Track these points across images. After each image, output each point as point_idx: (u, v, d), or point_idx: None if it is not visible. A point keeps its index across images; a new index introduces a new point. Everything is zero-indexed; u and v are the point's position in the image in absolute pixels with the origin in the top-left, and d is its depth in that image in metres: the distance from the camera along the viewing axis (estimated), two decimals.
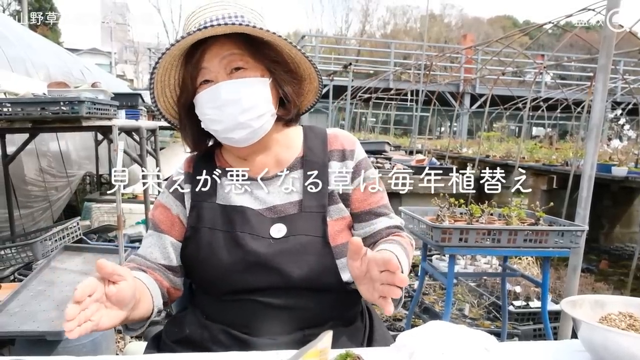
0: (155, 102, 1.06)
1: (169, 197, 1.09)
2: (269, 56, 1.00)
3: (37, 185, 4.93)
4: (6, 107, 2.33)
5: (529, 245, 2.13)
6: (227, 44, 0.97)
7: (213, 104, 0.96)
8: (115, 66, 22.83)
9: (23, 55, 5.01)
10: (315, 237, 1.00)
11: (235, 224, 1.00)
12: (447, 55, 11.60)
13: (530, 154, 7.23)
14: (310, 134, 1.11)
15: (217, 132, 1.01)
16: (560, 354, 0.83)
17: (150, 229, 1.10)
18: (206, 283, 1.05)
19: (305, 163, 1.06)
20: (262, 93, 0.99)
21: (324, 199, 1.03)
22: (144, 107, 3.84)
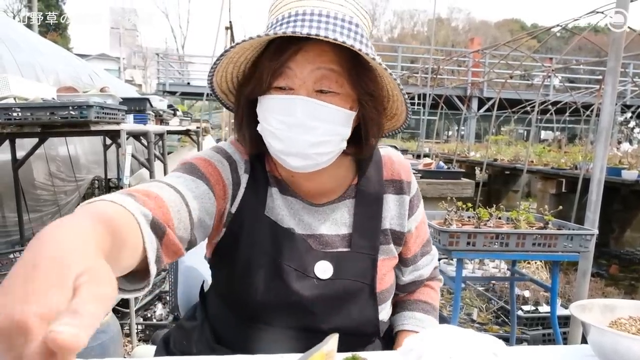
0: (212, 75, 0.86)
1: (222, 164, 0.89)
2: (367, 87, 0.83)
3: (46, 190, 4.98)
4: (16, 112, 2.36)
5: (537, 249, 2.11)
6: (329, 54, 0.79)
7: (283, 118, 0.80)
8: (124, 71, 23.06)
9: (33, 60, 5.08)
10: (362, 284, 0.89)
11: (282, 252, 0.86)
12: (454, 59, 11.58)
13: (539, 157, 7.18)
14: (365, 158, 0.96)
15: (272, 148, 0.84)
16: (569, 359, 0.82)
17: (188, 173, 0.83)
18: (230, 302, 0.93)
19: (359, 193, 0.94)
20: (343, 130, 0.83)
21: (376, 238, 0.92)
22: (152, 112, 3.87)
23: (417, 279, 1.05)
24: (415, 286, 1.07)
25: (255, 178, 0.91)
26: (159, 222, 0.68)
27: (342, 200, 0.94)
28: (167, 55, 21.46)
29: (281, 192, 0.92)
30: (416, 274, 1.04)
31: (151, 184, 0.77)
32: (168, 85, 16.69)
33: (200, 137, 5.67)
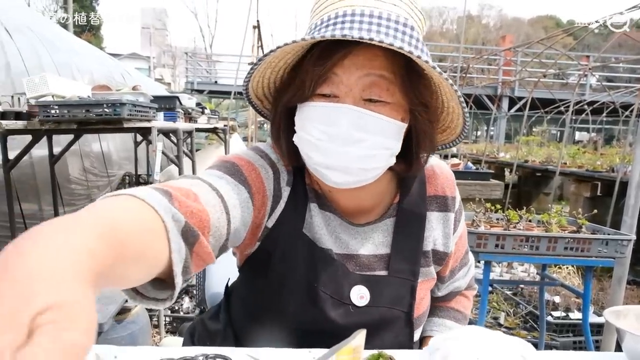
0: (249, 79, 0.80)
1: (266, 172, 0.82)
2: (422, 96, 0.75)
3: (80, 184, 5.16)
4: (54, 109, 2.45)
5: (569, 253, 2.04)
6: (380, 60, 0.71)
7: (326, 127, 0.71)
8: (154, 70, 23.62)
9: (69, 60, 5.27)
10: (399, 312, 0.84)
11: (319, 277, 0.81)
12: (484, 58, 11.33)
13: (573, 159, 6.94)
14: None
15: (310, 160, 0.76)
16: None
17: (231, 175, 0.76)
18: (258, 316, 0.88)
19: (400, 212, 0.86)
20: (392, 144, 0.75)
21: (416, 262, 0.86)
22: (181, 110, 3.95)
23: (453, 291, 1.03)
24: (450, 296, 1.04)
25: (295, 191, 0.83)
26: (192, 229, 0.59)
27: (383, 220, 0.87)
28: (196, 54, 21.85)
29: (320, 208, 0.85)
30: (452, 287, 1.01)
31: (193, 183, 0.68)
32: (196, 84, 17.00)
33: (227, 135, 5.74)
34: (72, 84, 2.96)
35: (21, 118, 2.60)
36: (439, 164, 0.95)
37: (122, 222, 0.46)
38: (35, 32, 4.86)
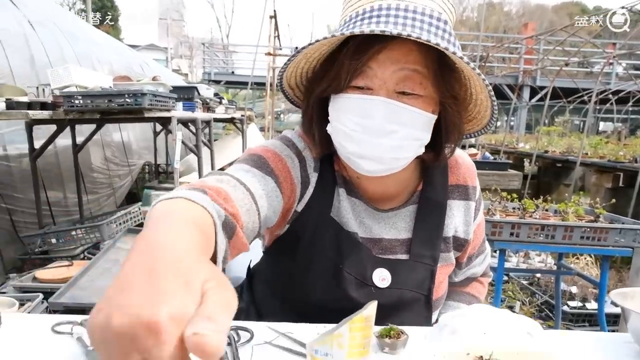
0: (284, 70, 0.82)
1: (292, 161, 0.86)
2: (452, 89, 0.78)
3: (102, 173, 5.29)
4: (78, 99, 2.53)
5: (586, 242, 2.04)
6: (414, 54, 0.73)
7: (361, 119, 0.74)
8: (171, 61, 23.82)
9: (89, 51, 5.38)
10: (418, 294, 0.88)
11: (344, 258, 0.85)
12: (505, 46, 11.11)
13: (594, 149, 6.79)
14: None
15: (344, 149, 0.79)
16: (606, 344, 0.81)
17: (258, 168, 0.80)
18: (283, 295, 0.93)
19: (422, 199, 0.90)
20: (423, 135, 0.78)
21: (436, 248, 0.89)
22: (199, 100, 4.02)
23: (470, 277, 1.07)
24: (466, 282, 1.08)
25: (323, 177, 0.87)
26: (231, 222, 0.65)
27: (406, 206, 0.91)
28: (213, 44, 21.95)
29: (347, 193, 0.89)
30: (469, 273, 1.05)
31: (222, 180, 0.72)
32: (213, 75, 17.11)
33: (244, 125, 5.80)
34: (95, 74, 3.04)
35: (46, 108, 2.68)
36: (461, 154, 0.98)
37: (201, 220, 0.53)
38: (57, 24, 4.97)
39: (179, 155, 2.73)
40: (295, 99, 0.90)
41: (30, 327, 0.82)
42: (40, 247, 3.49)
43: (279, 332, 0.80)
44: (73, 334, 0.80)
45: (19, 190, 3.84)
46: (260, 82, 11.77)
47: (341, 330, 0.59)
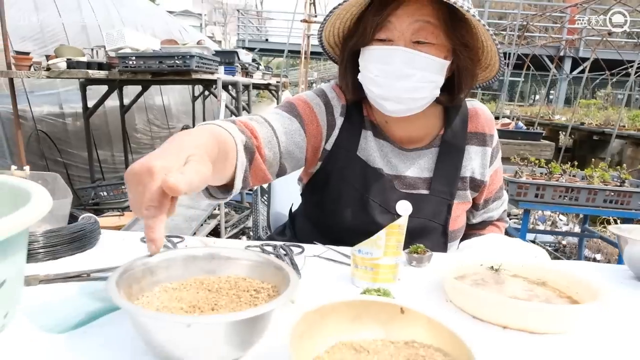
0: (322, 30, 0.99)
1: (319, 107, 1.02)
2: (462, 38, 0.90)
3: (145, 134, 5.60)
4: (132, 60, 2.73)
5: (609, 206, 2.12)
6: (427, 8, 0.86)
7: (383, 66, 0.89)
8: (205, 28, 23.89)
9: (134, 17, 5.59)
10: (436, 224, 1.01)
11: (370, 188, 0.99)
12: (546, 15, 10.66)
13: (632, 122, 6.61)
14: (452, 109, 1.05)
15: (371, 93, 0.93)
16: (603, 272, 0.93)
17: (285, 111, 0.99)
18: (319, 224, 1.07)
19: (443, 143, 1.03)
20: (437, 78, 0.91)
21: (453, 185, 1.02)
22: (238, 65, 4.17)
23: (486, 220, 1.19)
24: (483, 225, 1.20)
25: (350, 121, 1.02)
26: (251, 147, 0.84)
27: (429, 148, 1.03)
28: (247, 11, 21.87)
29: (375, 136, 1.03)
30: (485, 216, 1.17)
31: (252, 117, 0.92)
32: (247, 42, 17.15)
33: (280, 92, 5.94)
34: (145, 37, 3.23)
35: (102, 68, 2.90)
36: (482, 107, 1.10)
37: (219, 135, 0.72)
38: None
39: (223, 115, 2.90)
40: (335, 56, 1.06)
41: (123, 239, 1.02)
42: (93, 199, 3.80)
43: (326, 247, 0.98)
44: None
45: (74, 146, 4.16)
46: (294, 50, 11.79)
47: (380, 234, 0.75)
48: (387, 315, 0.55)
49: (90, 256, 0.88)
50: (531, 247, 0.92)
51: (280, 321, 0.57)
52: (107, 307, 0.62)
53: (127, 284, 0.56)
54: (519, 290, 0.73)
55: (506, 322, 0.64)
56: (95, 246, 0.94)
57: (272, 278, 0.61)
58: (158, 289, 0.59)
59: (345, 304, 0.54)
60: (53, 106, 3.99)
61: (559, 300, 0.71)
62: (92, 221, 0.95)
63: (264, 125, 0.91)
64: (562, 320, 0.63)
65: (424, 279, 0.82)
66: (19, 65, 2.82)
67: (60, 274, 0.75)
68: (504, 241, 0.92)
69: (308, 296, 0.70)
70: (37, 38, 3.83)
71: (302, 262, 0.90)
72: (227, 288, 0.59)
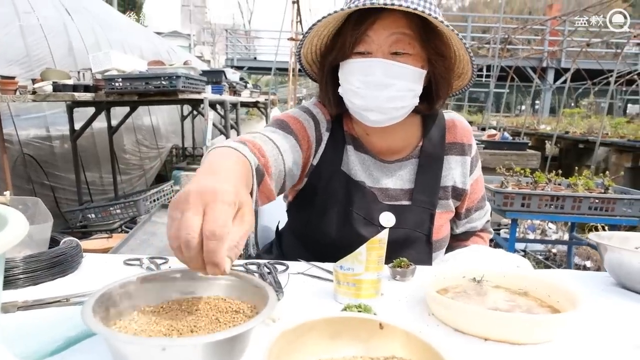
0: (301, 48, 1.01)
1: (308, 122, 1.04)
2: (437, 48, 0.94)
3: (134, 155, 5.57)
4: (118, 82, 2.73)
5: (594, 213, 2.14)
6: (402, 21, 0.90)
7: (363, 77, 0.92)
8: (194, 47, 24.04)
9: (121, 38, 5.62)
10: (420, 234, 1.02)
11: (353, 201, 1.01)
12: (527, 28, 10.91)
13: (615, 129, 6.74)
14: (429, 121, 1.08)
15: (353, 105, 0.96)
16: (586, 279, 0.94)
17: (279, 128, 1.00)
18: (305, 240, 1.08)
19: (422, 154, 1.05)
20: (415, 87, 0.94)
21: (435, 194, 1.04)
22: (226, 83, 4.20)
23: (469, 230, 1.20)
24: (466, 236, 1.20)
25: (334, 137, 1.05)
26: (261, 169, 0.83)
27: (409, 159, 1.06)
28: (235, 30, 22.09)
29: (355, 149, 1.06)
30: (468, 226, 1.18)
31: (256, 136, 0.92)
32: (236, 61, 17.27)
33: (268, 109, 5.97)
34: (132, 59, 3.24)
35: (89, 90, 2.90)
36: (459, 117, 1.13)
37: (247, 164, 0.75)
38: (90, 11, 5.21)
39: (210, 134, 2.91)
40: (312, 74, 1.09)
41: (106, 262, 1.01)
42: (81, 221, 3.76)
43: (310, 264, 0.97)
44: (143, 265, 0.99)
45: (61, 169, 4.12)
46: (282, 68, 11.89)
47: (360, 249, 0.76)
48: (366, 331, 0.55)
49: (71, 281, 0.87)
50: (514, 257, 0.92)
51: (261, 341, 0.57)
52: (86, 333, 0.61)
53: (104, 308, 0.55)
54: (500, 301, 0.74)
55: (487, 334, 0.64)
56: (77, 270, 0.93)
57: (251, 297, 0.61)
58: (136, 313, 0.58)
59: (325, 321, 0.54)
60: (40, 129, 3.96)
61: (540, 310, 0.71)
62: (74, 245, 0.94)
63: (269, 144, 0.92)
64: (543, 330, 0.64)
65: (407, 293, 0.82)
66: (5, 90, 2.81)
67: (39, 299, 0.74)
68: (486, 252, 0.93)
69: (290, 314, 0.69)
70: (24, 62, 3.82)
71: (285, 280, 0.89)
72: (207, 309, 0.59)
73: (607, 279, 0.93)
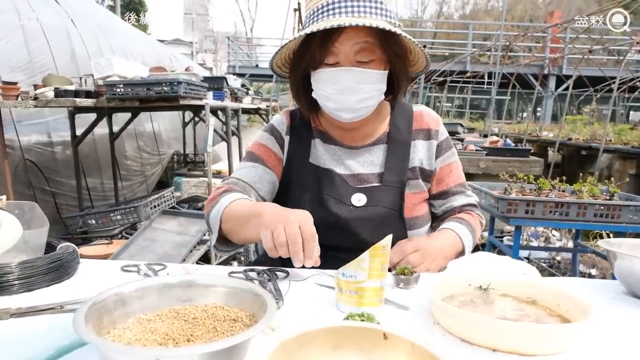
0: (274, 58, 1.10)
1: (270, 140, 1.17)
2: (394, 50, 1.04)
3: (135, 161, 5.57)
4: (119, 88, 2.73)
5: (599, 220, 2.12)
6: (364, 31, 1.00)
7: (334, 85, 1.03)
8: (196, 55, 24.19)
9: (123, 45, 5.63)
10: (391, 210, 1.09)
11: (323, 186, 1.10)
12: (528, 35, 10.93)
13: (618, 136, 6.71)
14: (397, 110, 1.19)
15: (327, 107, 1.08)
16: (595, 287, 0.92)
17: (248, 160, 1.16)
18: None
19: (390, 140, 1.15)
20: (381, 87, 1.06)
21: (403, 175, 1.12)
22: (227, 90, 4.19)
23: (448, 209, 1.21)
24: (447, 214, 1.22)
25: (297, 134, 1.17)
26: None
27: (377, 145, 1.15)
28: (237, 38, 22.20)
29: (324, 142, 1.16)
30: (448, 205, 1.21)
31: (229, 182, 1.12)
32: (237, 68, 17.34)
33: (270, 115, 5.97)
34: (133, 65, 3.24)
35: (90, 96, 2.90)
36: (427, 109, 1.24)
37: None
38: (93, 18, 5.23)
39: (211, 140, 2.90)
40: (283, 74, 1.19)
41: (103, 268, 0.99)
42: (81, 227, 3.74)
43: (314, 270, 0.95)
44: (140, 271, 0.97)
45: (62, 175, 4.11)
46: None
47: (363, 256, 0.73)
48: (370, 341, 0.52)
49: (67, 287, 0.85)
50: (520, 264, 0.90)
51: (260, 351, 0.55)
52: (79, 342, 0.59)
53: (98, 316, 0.53)
54: (508, 310, 0.71)
55: (495, 345, 0.62)
56: (74, 276, 0.91)
57: (250, 306, 0.59)
58: (131, 321, 0.56)
59: (326, 331, 0.52)
60: (41, 135, 3.96)
61: (550, 320, 0.69)
62: (71, 250, 0.92)
63: (239, 185, 1.10)
64: (554, 340, 0.61)
65: (411, 301, 0.80)
66: (6, 95, 2.81)
67: (33, 306, 0.72)
68: (492, 258, 0.91)
69: (290, 323, 0.67)
70: (26, 68, 3.82)
71: (286, 287, 0.87)
72: (204, 318, 0.57)
73: (618, 287, 0.91)
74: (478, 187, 2.45)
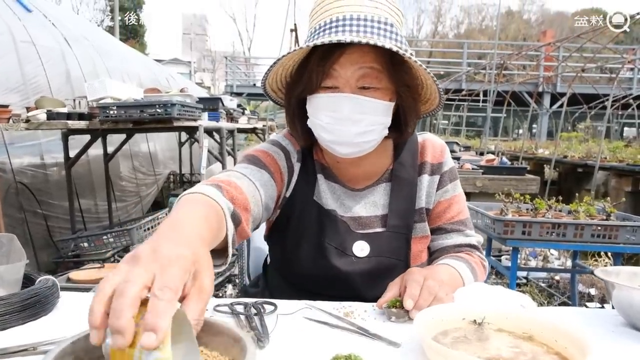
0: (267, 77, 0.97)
1: (278, 154, 1.02)
2: (403, 79, 0.92)
3: (130, 182, 5.53)
4: (112, 110, 2.72)
5: (597, 240, 2.09)
6: (369, 55, 0.88)
7: (331, 113, 0.90)
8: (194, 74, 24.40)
9: (119, 66, 5.66)
10: (396, 261, 0.99)
11: (325, 233, 0.99)
12: (522, 54, 11.08)
13: (613, 153, 6.74)
14: (401, 144, 1.05)
15: (322, 139, 0.95)
16: (593, 318, 0.88)
17: (252, 164, 0.96)
18: (283, 272, 1.08)
19: (394, 178, 1.03)
20: (385, 120, 0.93)
21: (409, 218, 1.01)
22: (223, 110, 4.19)
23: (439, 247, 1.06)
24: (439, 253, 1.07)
25: (306, 166, 1.04)
26: (238, 214, 0.81)
27: (379, 184, 1.04)
28: (235, 58, 22.43)
29: (326, 178, 1.05)
30: (439, 243, 1.06)
31: (230, 174, 0.89)
32: (235, 87, 17.47)
33: (266, 135, 5.97)
34: (127, 87, 3.24)
35: (83, 119, 2.89)
36: (431, 137, 1.10)
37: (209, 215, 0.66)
38: (89, 40, 5.26)
39: (205, 162, 2.88)
40: (278, 99, 1.07)
41: (85, 301, 0.96)
42: (73, 250, 3.68)
43: (304, 303, 0.92)
44: None
45: (55, 197, 4.07)
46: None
47: None
48: None
49: (44, 324, 0.81)
50: (515, 294, 0.87)
51: None
52: None
53: (74, 357, 0.50)
54: (503, 347, 0.68)
55: None
56: (52, 312, 0.87)
57: (230, 350, 0.55)
58: None
59: None
60: (34, 157, 3.93)
61: (547, 358, 0.66)
62: (49, 285, 0.88)
63: (245, 180, 0.90)
64: None
65: (403, 336, 0.77)
66: None
67: (4, 348, 0.68)
68: (486, 289, 0.87)
69: None
70: (20, 90, 3.82)
71: (273, 322, 0.84)
72: None
73: (616, 318, 0.87)
74: (474, 207, 2.43)
